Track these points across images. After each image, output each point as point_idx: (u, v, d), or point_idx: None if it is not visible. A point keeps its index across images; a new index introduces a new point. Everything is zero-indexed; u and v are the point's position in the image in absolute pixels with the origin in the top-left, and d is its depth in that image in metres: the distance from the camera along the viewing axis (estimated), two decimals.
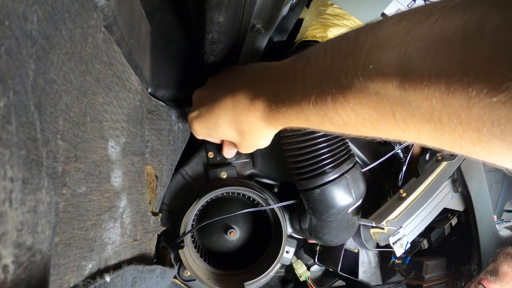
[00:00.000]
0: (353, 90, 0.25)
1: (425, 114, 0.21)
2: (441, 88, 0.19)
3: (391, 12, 0.41)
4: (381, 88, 0.23)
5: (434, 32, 0.20)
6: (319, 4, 0.53)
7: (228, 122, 0.40)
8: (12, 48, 0.16)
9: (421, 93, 0.20)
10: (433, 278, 0.80)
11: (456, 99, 0.19)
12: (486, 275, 0.62)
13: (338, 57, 0.27)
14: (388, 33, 0.23)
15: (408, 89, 0.21)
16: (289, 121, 0.34)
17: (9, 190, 0.15)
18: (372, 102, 0.24)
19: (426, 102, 0.20)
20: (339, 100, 0.26)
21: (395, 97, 0.22)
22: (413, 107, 0.21)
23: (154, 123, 0.48)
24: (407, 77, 0.21)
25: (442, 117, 0.20)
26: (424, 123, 0.22)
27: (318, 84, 0.28)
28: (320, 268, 0.83)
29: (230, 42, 0.45)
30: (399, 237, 0.69)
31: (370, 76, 0.23)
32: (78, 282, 0.28)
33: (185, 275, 0.62)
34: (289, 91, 0.31)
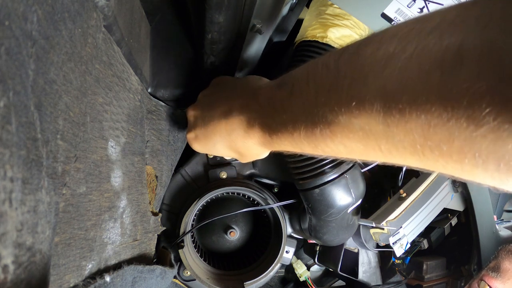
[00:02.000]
0: (339, 125, 0.25)
1: (408, 147, 0.21)
2: (421, 123, 0.19)
3: (391, 12, 0.41)
4: (365, 124, 0.23)
5: (412, 66, 0.20)
6: (319, 4, 0.53)
7: (225, 146, 0.41)
8: (12, 48, 0.16)
9: (402, 128, 0.21)
10: (433, 278, 0.80)
11: (436, 133, 0.19)
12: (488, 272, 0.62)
13: (321, 90, 0.27)
14: (367, 65, 0.23)
15: (390, 125, 0.21)
16: (285, 147, 0.34)
17: (9, 190, 0.15)
18: (358, 136, 0.25)
19: (408, 137, 0.21)
20: (327, 134, 0.27)
21: (378, 132, 0.23)
22: (396, 141, 0.22)
23: (154, 123, 0.48)
24: (388, 113, 0.21)
25: (424, 150, 0.20)
26: (408, 155, 0.22)
27: (305, 118, 0.28)
28: (320, 268, 0.83)
29: (230, 42, 0.45)
30: (399, 237, 0.69)
31: (353, 113, 0.24)
32: (78, 282, 0.28)
33: (185, 275, 0.62)
34: (280, 122, 0.32)
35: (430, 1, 0.39)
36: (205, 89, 0.46)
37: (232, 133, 0.38)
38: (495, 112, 0.16)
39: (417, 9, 0.40)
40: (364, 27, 0.52)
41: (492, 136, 0.17)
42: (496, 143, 0.17)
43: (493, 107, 0.16)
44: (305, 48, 0.52)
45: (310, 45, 0.51)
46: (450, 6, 0.21)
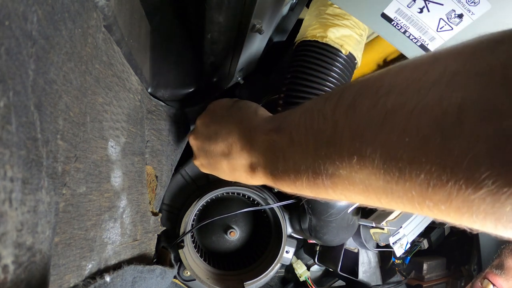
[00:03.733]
0: (340, 178, 0.25)
1: (407, 203, 0.22)
2: (420, 182, 0.19)
3: (391, 12, 0.41)
4: (365, 179, 0.23)
5: (411, 126, 0.20)
6: (319, 4, 0.53)
7: (230, 178, 0.42)
8: (12, 48, 0.16)
9: (402, 186, 0.21)
10: (433, 278, 0.80)
11: (435, 194, 0.19)
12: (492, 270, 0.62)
13: (320, 143, 0.27)
14: (365, 121, 0.23)
15: (390, 182, 0.21)
16: (288, 191, 0.34)
17: (9, 190, 0.15)
18: (358, 189, 0.25)
19: (407, 194, 0.21)
20: (329, 185, 0.27)
21: (379, 187, 0.23)
22: (396, 197, 0.22)
23: (154, 123, 0.48)
24: (387, 171, 0.21)
25: (422, 208, 0.21)
26: (408, 209, 0.22)
27: (307, 168, 0.28)
28: (320, 268, 0.83)
29: (230, 42, 0.44)
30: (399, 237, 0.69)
31: (354, 167, 0.24)
32: (78, 282, 0.27)
33: (185, 275, 0.62)
34: (282, 170, 0.32)
35: (430, 1, 0.39)
36: (202, 115, 0.46)
37: (235, 172, 0.39)
38: (494, 175, 0.16)
39: (417, 9, 0.40)
40: (364, 27, 0.52)
41: (490, 199, 0.17)
42: (494, 206, 0.17)
43: (492, 170, 0.16)
44: (305, 48, 0.52)
45: (310, 45, 0.51)
46: (450, 53, 0.21)
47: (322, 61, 0.50)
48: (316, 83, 0.50)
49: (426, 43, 0.43)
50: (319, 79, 0.50)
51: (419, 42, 0.43)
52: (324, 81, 0.50)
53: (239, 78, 0.58)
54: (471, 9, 0.39)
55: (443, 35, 0.42)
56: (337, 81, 0.51)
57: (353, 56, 0.52)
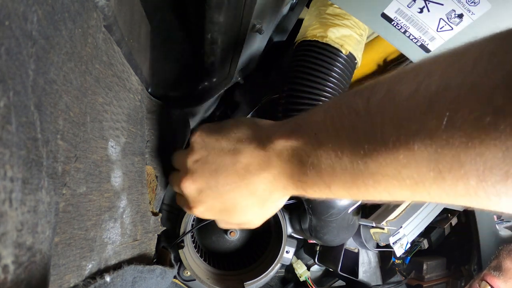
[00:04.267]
0: (384, 175, 0.24)
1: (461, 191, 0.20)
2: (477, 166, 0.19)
3: (391, 12, 0.41)
4: (414, 173, 0.22)
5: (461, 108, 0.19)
6: (319, 4, 0.53)
7: (248, 206, 0.36)
8: (12, 48, 0.16)
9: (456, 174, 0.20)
10: (433, 278, 0.80)
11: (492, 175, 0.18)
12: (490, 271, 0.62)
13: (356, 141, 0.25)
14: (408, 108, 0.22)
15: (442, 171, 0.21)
16: (320, 195, 0.31)
17: (9, 190, 0.15)
18: (405, 184, 0.23)
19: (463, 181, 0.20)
20: (370, 184, 0.25)
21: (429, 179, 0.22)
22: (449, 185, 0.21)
23: (154, 123, 0.48)
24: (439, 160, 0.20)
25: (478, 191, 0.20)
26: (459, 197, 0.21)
27: (343, 170, 0.26)
28: (320, 268, 0.83)
29: (230, 42, 0.44)
30: (399, 237, 0.69)
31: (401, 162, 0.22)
32: (78, 282, 0.27)
33: (185, 275, 0.62)
34: (312, 176, 0.28)
35: (430, 1, 0.39)
36: (189, 154, 0.37)
37: (256, 193, 0.34)
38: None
39: (417, 9, 0.40)
40: (364, 27, 0.52)
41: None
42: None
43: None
44: (306, 47, 0.52)
45: (310, 45, 0.52)
46: (485, 40, 0.20)
47: (323, 61, 0.50)
48: (316, 83, 0.50)
49: (426, 43, 0.43)
50: (319, 79, 0.50)
51: (419, 42, 0.43)
52: (324, 81, 0.50)
53: (239, 78, 0.58)
54: (471, 9, 0.39)
55: (443, 35, 0.42)
56: (337, 81, 0.51)
57: (353, 56, 0.52)
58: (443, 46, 0.42)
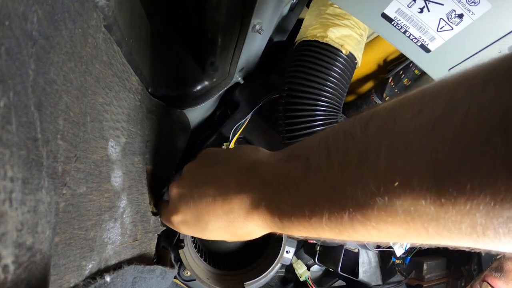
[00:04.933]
0: (375, 208, 0.20)
1: (466, 228, 0.17)
2: (485, 200, 0.16)
3: (391, 12, 0.41)
4: (410, 206, 0.19)
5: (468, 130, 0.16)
6: (319, 4, 0.53)
7: (220, 227, 0.34)
8: (12, 48, 0.16)
9: (461, 209, 0.17)
10: (433, 278, 0.80)
11: (503, 210, 0.16)
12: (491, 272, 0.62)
13: (347, 166, 0.22)
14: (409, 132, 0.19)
15: (444, 205, 0.17)
16: (298, 233, 0.28)
17: (9, 190, 0.15)
18: (399, 220, 0.20)
19: (468, 217, 0.17)
20: (357, 218, 0.22)
21: (428, 215, 0.18)
22: (451, 222, 0.18)
23: (154, 123, 0.48)
24: (442, 192, 0.17)
25: (486, 230, 0.17)
26: (463, 236, 0.18)
27: (327, 200, 0.23)
28: (320, 268, 0.83)
29: (230, 42, 0.45)
30: None
31: (396, 193, 0.19)
32: (78, 282, 0.27)
33: (185, 275, 0.62)
34: (293, 205, 0.26)
35: (430, 1, 0.39)
36: (191, 162, 0.39)
37: (230, 214, 0.32)
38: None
39: (417, 9, 0.40)
40: (364, 27, 0.52)
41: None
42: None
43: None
44: (306, 47, 0.52)
45: (311, 45, 0.52)
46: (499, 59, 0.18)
47: (323, 60, 0.50)
48: (316, 83, 0.50)
49: (426, 43, 0.43)
50: (319, 79, 0.50)
51: (419, 42, 0.43)
52: (324, 80, 0.50)
53: (239, 78, 0.58)
54: (471, 9, 0.39)
55: (443, 35, 0.42)
56: (337, 81, 0.51)
57: (354, 56, 0.52)
58: (443, 46, 0.42)
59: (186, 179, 0.37)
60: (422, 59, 0.45)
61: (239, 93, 0.69)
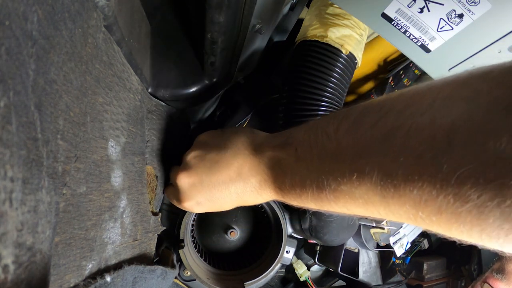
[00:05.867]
0: (342, 193, 0.27)
1: (403, 215, 0.23)
2: (413, 197, 0.21)
3: (391, 12, 0.41)
4: (364, 194, 0.25)
5: (407, 145, 0.22)
6: (319, 3, 0.53)
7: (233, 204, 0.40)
8: (12, 48, 0.16)
9: (397, 201, 0.23)
10: (433, 278, 0.80)
11: (427, 207, 0.21)
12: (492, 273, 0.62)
13: (324, 159, 0.28)
14: (366, 139, 0.25)
15: (386, 196, 0.23)
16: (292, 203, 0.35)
17: (9, 190, 0.15)
18: (358, 203, 0.26)
19: (402, 208, 0.23)
20: (331, 199, 0.29)
21: (376, 201, 0.25)
22: (392, 209, 0.24)
23: (154, 123, 0.48)
24: (384, 187, 0.23)
25: (416, 219, 0.23)
26: (404, 220, 0.24)
27: (311, 183, 0.30)
28: (320, 268, 0.83)
29: (230, 42, 0.45)
30: (399, 237, 0.69)
31: (354, 184, 0.25)
32: (78, 282, 0.28)
33: (185, 275, 0.62)
34: (289, 185, 0.33)
35: (430, 1, 0.39)
36: (191, 150, 0.42)
37: (243, 195, 0.38)
38: (479, 190, 0.18)
39: (418, 9, 0.40)
40: (364, 27, 0.52)
41: (476, 211, 0.19)
42: (480, 217, 0.19)
43: (477, 186, 0.18)
44: (306, 47, 0.52)
45: (311, 45, 0.52)
46: (445, 82, 0.23)
47: (323, 60, 0.50)
48: (316, 83, 0.50)
49: (426, 43, 0.43)
50: (319, 79, 0.50)
51: (419, 42, 0.43)
52: (324, 80, 0.50)
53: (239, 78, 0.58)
54: (471, 9, 0.39)
55: (443, 35, 0.42)
56: (337, 81, 0.51)
57: (354, 56, 0.52)
58: (443, 46, 0.42)
59: (192, 167, 0.40)
60: (422, 59, 0.45)
61: (239, 93, 0.69)
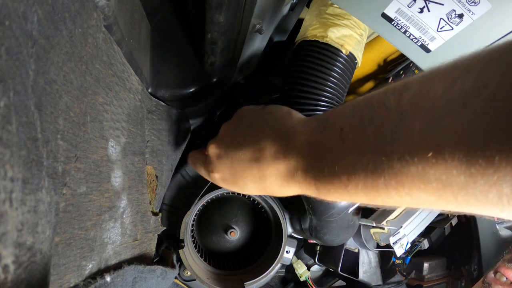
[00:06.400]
0: (409, 176, 0.22)
1: (493, 198, 0.18)
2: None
3: (391, 12, 0.41)
4: (442, 175, 0.20)
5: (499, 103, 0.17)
6: (319, 3, 0.53)
7: (258, 189, 0.36)
8: (12, 48, 0.16)
9: (489, 179, 0.18)
10: (433, 278, 0.80)
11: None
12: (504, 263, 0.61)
13: (382, 135, 0.23)
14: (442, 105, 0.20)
15: (474, 175, 0.18)
16: (333, 197, 0.29)
17: (9, 190, 0.15)
18: (431, 187, 0.21)
19: (495, 187, 0.18)
20: (392, 185, 0.23)
21: (458, 183, 0.19)
22: (479, 192, 0.19)
23: (155, 123, 0.48)
24: (472, 162, 0.18)
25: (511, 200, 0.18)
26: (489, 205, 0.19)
27: (364, 168, 0.24)
28: (320, 268, 0.83)
29: (231, 42, 0.45)
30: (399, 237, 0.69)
31: (429, 162, 0.20)
32: (78, 282, 0.28)
33: (185, 275, 0.62)
34: (331, 173, 0.27)
35: (430, 1, 0.39)
36: (228, 121, 0.40)
37: (266, 180, 0.34)
38: None
39: (418, 9, 0.40)
40: (364, 27, 0.52)
41: None
42: None
43: None
44: (306, 47, 0.52)
45: (311, 45, 0.52)
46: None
47: (323, 60, 0.50)
48: (316, 83, 0.50)
49: (426, 43, 0.43)
50: (319, 79, 0.50)
51: (419, 42, 0.43)
52: (325, 80, 0.50)
53: (239, 78, 0.58)
54: (471, 9, 0.39)
55: (443, 35, 0.42)
56: (337, 81, 0.51)
57: (354, 56, 0.52)
58: (443, 46, 0.42)
59: (223, 139, 0.38)
60: (422, 59, 0.45)
61: (239, 93, 0.69)
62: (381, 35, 0.44)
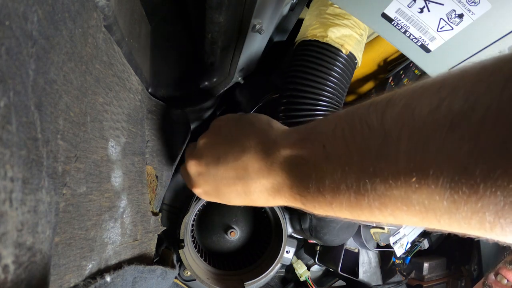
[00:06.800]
0: (392, 199, 0.21)
1: (475, 224, 0.18)
2: (496, 201, 0.16)
3: (391, 12, 0.41)
4: (425, 199, 0.19)
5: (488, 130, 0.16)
6: (319, 3, 0.53)
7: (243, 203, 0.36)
8: (12, 48, 0.16)
9: (472, 206, 0.17)
10: (433, 278, 0.80)
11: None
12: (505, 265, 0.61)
13: (366, 158, 0.22)
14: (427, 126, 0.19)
15: (457, 201, 0.18)
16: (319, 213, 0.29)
17: (9, 190, 0.15)
18: (414, 210, 0.21)
19: (478, 215, 0.17)
20: (376, 206, 0.23)
21: (441, 208, 0.19)
22: (461, 217, 0.18)
23: (155, 123, 0.48)
24: (455, 190, 0.18)
25: (494, 227, 0.17)
26: (472, 230, 0.19)
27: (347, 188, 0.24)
28: (320, 268, 0.83)
29: (230, 42, 0.45)
30: (399, 237, 0.69)
31: (412, 187, 0.20)
32: (78, 282, 0.27)
33: (185, 275, 0.62)
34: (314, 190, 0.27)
35: (430, 1, 0.39)
36: (205, 133, 0.38)
37: (251, 195, 0.33)
38: None
39: (418, 9, 0.40)
40: (364, 27, 0.52)
41: None
42: None
43: None
44: (306, 47, 0.52)
45: (311, 45, 0.52)
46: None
47: (323, 60, 0.50)
48: (316, 83, 0.50)
49: (426, 43, 0.43)
50: (319, 79, 0.50)
51: (419, 42, 0.43)
52: (324, 80, 0.50)
53: (240, 78, 0.58)
54: (471, 9, 0.38)
55: (443, 35, 0.42)
56: (337, 81, 0.51)
57: (354, 55, 0.52)
58: (444, 46, 0.42)
59: (202, 155, 0.37)
60: (422, 59, 0.45)
61: (239, 93, 0.69)
62: (381, 35, 0.44)
